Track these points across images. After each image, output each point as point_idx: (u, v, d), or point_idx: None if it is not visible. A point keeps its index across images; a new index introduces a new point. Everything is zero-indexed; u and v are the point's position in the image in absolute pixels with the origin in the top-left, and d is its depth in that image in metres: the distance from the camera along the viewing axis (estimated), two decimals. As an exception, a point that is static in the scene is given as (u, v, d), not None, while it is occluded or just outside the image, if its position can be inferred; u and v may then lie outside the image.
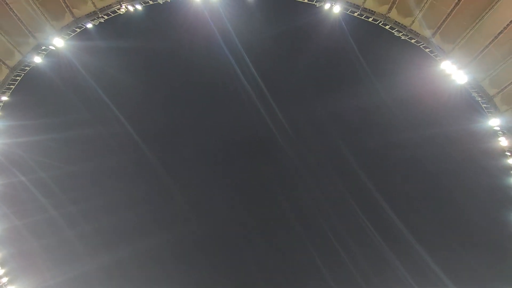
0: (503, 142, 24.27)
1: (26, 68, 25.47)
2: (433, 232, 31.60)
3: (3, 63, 24.57)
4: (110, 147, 31.27)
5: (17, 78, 25.68)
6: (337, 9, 22.82)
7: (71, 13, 23.13)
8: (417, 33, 23.12)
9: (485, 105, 24.15)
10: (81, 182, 31.46)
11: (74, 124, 30.30)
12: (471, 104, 24.77)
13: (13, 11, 22.28)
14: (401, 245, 31.50)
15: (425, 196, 32.34)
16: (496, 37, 21.68)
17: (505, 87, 23.09)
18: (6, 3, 22.03)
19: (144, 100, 31.50)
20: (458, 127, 27.73)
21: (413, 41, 23.62)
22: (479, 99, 24.12)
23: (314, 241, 32.99)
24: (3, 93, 25.92)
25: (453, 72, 23.57)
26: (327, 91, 31.57)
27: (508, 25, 21.02)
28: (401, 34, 23.27)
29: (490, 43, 21.92)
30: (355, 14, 23.01)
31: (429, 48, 23.54)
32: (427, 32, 22.71)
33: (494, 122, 24.04)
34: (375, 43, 26.48)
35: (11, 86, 25.90)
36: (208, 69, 30.63)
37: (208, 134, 32.97)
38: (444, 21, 21.98)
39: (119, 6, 22.91)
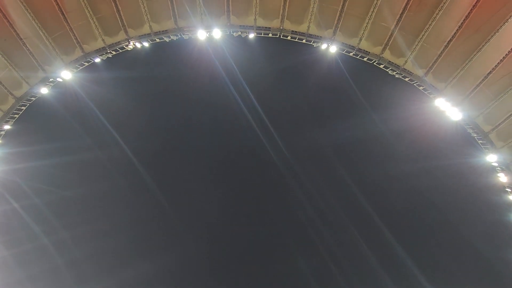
0: (502, 178, 24.31)
1: (32, 98, 26.19)
2: (433, 263, 31.04)
3: (10, 93, 25.33)
4: (108, 171, 31.25)
5: (22, 108, 26.36)
6: (333, 49, 24.25)
7: (81, 48, 24.40)
8: (410, 72, 24.31)
9: (481, 141, 24.67)
10: (75, 207, 30.95)
11: (73, 149, 30.39)
12: (468, 139, 25.39)
13: (26, 46, 23.50)
14: (401, 276, 30.82)
15: (426, 228, 32.03)
16: (485, 77, 22.80)
17: (499, 124, 23.80)
18: (20, 38, 23.39)
19: (145, 126, 32.05)
20: (456, 160, 28.07)
21: (406, 79, 24.76)
22: (475, 135, 24.71)
23: (312, 270, 32.26)
24: (6, 122, 26.47)
25: (447, 109, 24.57)
26: (325, 123, 32.20)
27: (496, 66, 22.31)
28: (395, 72, 24.47)
29: (480, 82, 22.96)
30: (351, 54, 24.34)
31: (423, 86, 24.63)
32: (419, 72, 23.76)
33: (491, 158, 24.09)
34: (371, 79, 27.75)
35: (15, 116, 26.50)
36: (210, 99, 31.47)
37: (209, 161, 33.32)
38: (435, 62, 23.12)
39: (127, 43, 24.36)
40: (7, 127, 26.25)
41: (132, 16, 23.06)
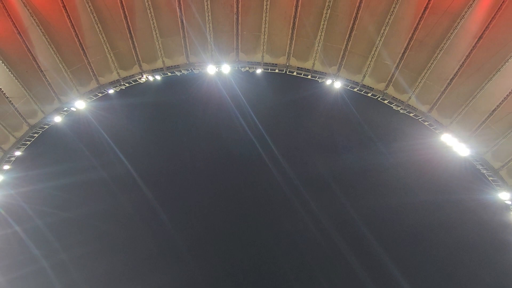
0: (517, 217, 23.73)
1: (45, 126, 27.13)
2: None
3: (25, 121, 26.37)
4: (110, 191, 31.29)
5: (34, 135, 27.32)
6: (338, 85, 25.11)
7: (97, 80, 25.69)
8: (415, 108, 24.73)
9: (491, 178, 24.10)
10: (76, 228, 30.78)
11: (78, 170, 30.75)
12: (477, 175, 24.92)
13: (46, 77, 24.95)
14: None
15: (438, 265, 30.56)
16: (491, 114, 22.85)
17: (509, 161, 23.33)
18: (41, 70, 24.93)
19: (152, 152, 32.49)
20: (466, 196, 27.40)
21: (411, 114, 25.04)
22: (485, 171, 24.24)
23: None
24: (18, 148, 27.32)
25: (454, 144, 24.58)
26: (331, 153, 32.15)
27: (500, 103, 22.57)
28: (399, 108, 24.91)
29: (486, 119, 23.00)
30: (355, 90, 24.97)
31: (428, 122, 24.76)
32: (423, 108, 23.90)
33: (504, 196, 23.27)
34: (377, 112, 28.10)
35: (27, 142, 27.40)
36: (218, 128, 32.00)
37: (214, 187, 33.19)
38: (438, 98, 23.34)
39: (141, 76, 25.69)
40: (18, 153, 27.05)
41: (147, 52, 24.48)
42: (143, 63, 24.96)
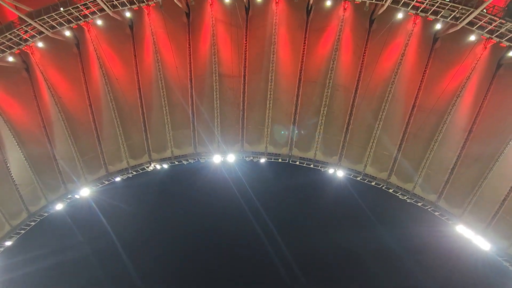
0: None
1: (44, 214, 26.42)
2: None
3: (26, 208, 25.78)
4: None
5: (31, 223, 26.33)
6: (340, 173, 25.41)
7: (106, 168, 26.27)
8: (421, 197, 24.16)
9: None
10: None
11: (68, 259, 28.65)
12: (503, 270, 22.35)
13: (58, 165, 25.94)
14: None
15: None
16: (502, 204, 21.90)
17: (538, 256, 21.38)
18: (55, 159, 26.10)
19: (150, 240, 30.73)
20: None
21: (419, 204, 24.18)
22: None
23: None
24: (10, 238, 25.85)
25: (472, 237, 22.81)
26: (339, 235, 30.00)
27: (508, 192, 22.04)
28: (405, 197, 24.26)
29: (499, 209, 21.83)
30: (358, 179, 24.97)
31: (438, 212, 23.77)
32: (431, 197, 23.05)
33: None
34: (385, 197, 27.23)
35: (21, 231, 26.15)
36: (223, 215, 31.00)
37: (215, 273, 30.38)
38: (444, 187, 22.72)
39: (149, 165, 26.58)
40: (8, 243, 25.53)
41: (158, 143, 25.67)
42: (153, 152, 26.03)
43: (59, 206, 25.72)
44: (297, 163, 25.39)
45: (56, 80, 23.09)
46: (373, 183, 24.53)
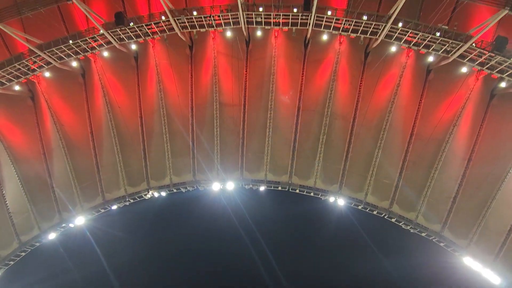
0: None
1: (36, 244, 25.55)
2: None
3: (18, 238, 24.85)
4: None
5: (22, 253, 25.31)
6: (341, 202, 24.96)
7: (103, 196, 25.73)
8: (425, 227, 23.54)
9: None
10: None
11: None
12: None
13: (55, 193, 25.55)
14: None
15: None
16: (508, 235, 21.46)
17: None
18: (52, 187, 25.74)
19: (145, 271, 29.36)
20: None
21: (423, 234, 23.45)
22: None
23: None
24: (-1, 269, 24.71)
25: (480, 269, 21.91)
26: (341, 265, 28.83)
27: (513, 222, 21.66)
28: (409, 227, 23.58)
29: (505, 240, 21.12)
30: (359, 207, 24.44)
31: (443, 242, 23.02)
32: (434, 227, 22.42)
33: None
34: (388, 226, 26.37)
35: (10, 262, 25.05)
36: (222, 244, 30.01)
37: None
38: (447, 217, 22.18)
39: (147, 192, 26.16)
40: (-4, 275, 24.31)
41: (157, 170, 25.45)
42: (152, 180, 25.77)
43: (52, 236, 24.93)
44: (297, 191, 25.09)
45: (60, 108, 23.51)
46: (375, 212, 24.05)
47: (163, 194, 25.82)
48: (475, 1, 16.20)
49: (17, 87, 21.96)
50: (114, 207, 25.56)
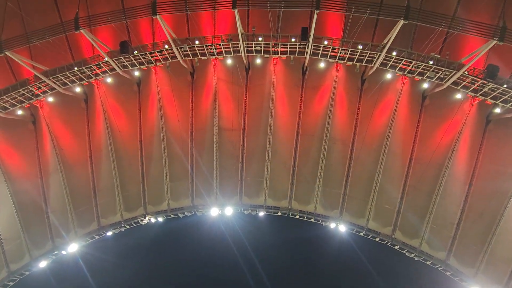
0: None
1: (26, 273, 24.46)
2: None
3: (7, 266, 23.69)
4: None
5: (9, 283, 24.22)
6: (342, 228, 24.36)
7: (98, 222, 25.03)
8: (430, 254, 22.85)
9: None
10: None
11: None
12: None
13: (49, 219, 24.95)
14: None
15: None
16: (516, 263, 21.02)
17: None
18: (47, 212, 25.21)
19: None
20: None
21: (428, 262, 22.47)
22: None
23: None
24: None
25: (491, 301, 20.86)
26: None
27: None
28: (413, 255, 22.70)
29: None
30: (361, 234, 23.76)
31: (450, 271, 22.12)
32: (440, 255, 21.69)
33: None
34: (392, 254, 25.49)
35: (-4, 293, 23.84)
36: (219, 270, 28.86)
37: None
38: (452, 244, 21.57)
39: (143, 218, 25.57)
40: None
41: (155, 195, 25.04)
42: (149, 205, 25.29)
43: (43, 264, 23.97)
44: (297, 216, 24.60)
45: (61, 132, 23.65)
46: (377, 239, 23.41)
47: (160, 219, 25.25)
48: (464, 32, 16.96)
49: (19, 112, 22.26)
50: (109, 233, 24.87)
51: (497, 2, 17.67)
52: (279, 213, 24.76)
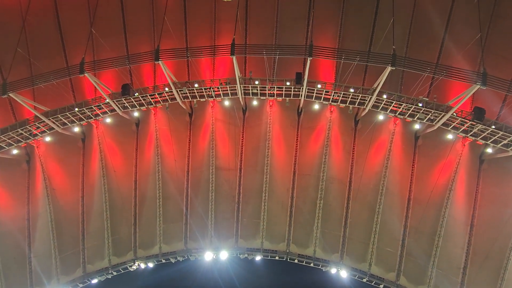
0: None
1: (-2, 328, 22.26)
2: None
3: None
4: None
5: None
6: (344, 274, 23.01)
7: (84, 268, 23.30)
8: (440, 302, 21.45)
9: None
10: None
11: None
12: None
13: (31, 264, 23.00)
14: None
15: None
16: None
17: None
18: (29, 257, 23.56)
19: None
20: None
21: (439, 312, 21.39)
22: None
23: None
24: None
25: None
26: None
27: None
28: (422, 303, 21.58)
29: None
30: (364, 280, 22.48)
31: (462, 323, 20.73)
32: None
33: None
34: None
35: None
36: None
37: None
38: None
39: (133, 263, 24.03)
40: None
41: (146, 237, 23.82)
42: (139, 249, 23.88)
43: (17, 317, 21.75)
44: (296, 261, 23.37)
45: (54, 171, 23.29)
46: (381, 286, 22.04)
47: (150, 265, 23.76)
48: (448, 77, 18.04)
49: (15, 151, 22.10)
50: (95, 280, 23.15)
51: (476, 51, 19.09)
52: (277, 258, 23.55)
